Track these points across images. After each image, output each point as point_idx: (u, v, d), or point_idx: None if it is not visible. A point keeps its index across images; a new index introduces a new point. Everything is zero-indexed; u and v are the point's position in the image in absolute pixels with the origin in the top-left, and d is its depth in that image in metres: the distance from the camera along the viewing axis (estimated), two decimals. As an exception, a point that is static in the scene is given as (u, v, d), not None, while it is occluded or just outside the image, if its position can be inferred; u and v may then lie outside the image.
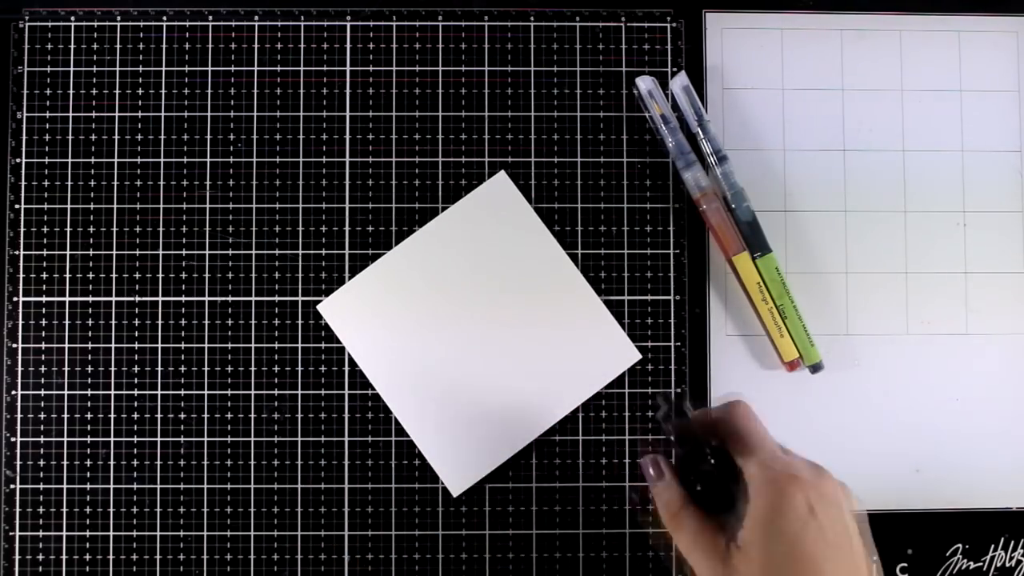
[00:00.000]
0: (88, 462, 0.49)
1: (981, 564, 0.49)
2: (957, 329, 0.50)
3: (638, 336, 0.50)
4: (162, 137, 0.50)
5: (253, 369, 0.49)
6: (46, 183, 0.50)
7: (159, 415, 0.49)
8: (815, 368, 0.49)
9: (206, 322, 0.49)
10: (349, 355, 0.49)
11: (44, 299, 0.49)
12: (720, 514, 0.39)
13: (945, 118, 0.51)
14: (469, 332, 0.49)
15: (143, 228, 0.50)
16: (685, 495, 0.40)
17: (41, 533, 0.48)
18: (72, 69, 0.50)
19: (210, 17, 0.50)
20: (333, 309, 0.49)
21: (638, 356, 0.49)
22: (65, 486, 0.49)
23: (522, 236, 0.49)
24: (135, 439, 0.49)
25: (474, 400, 0.49)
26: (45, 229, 0.49)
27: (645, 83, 0.49)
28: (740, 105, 0.51)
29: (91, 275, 0.49)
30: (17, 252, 0.49)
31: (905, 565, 0.49)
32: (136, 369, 0.49)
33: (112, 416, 0.49)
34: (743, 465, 0.38)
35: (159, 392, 0.49)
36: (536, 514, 0.49)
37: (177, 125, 0.50)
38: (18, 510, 0.48)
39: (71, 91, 0.50)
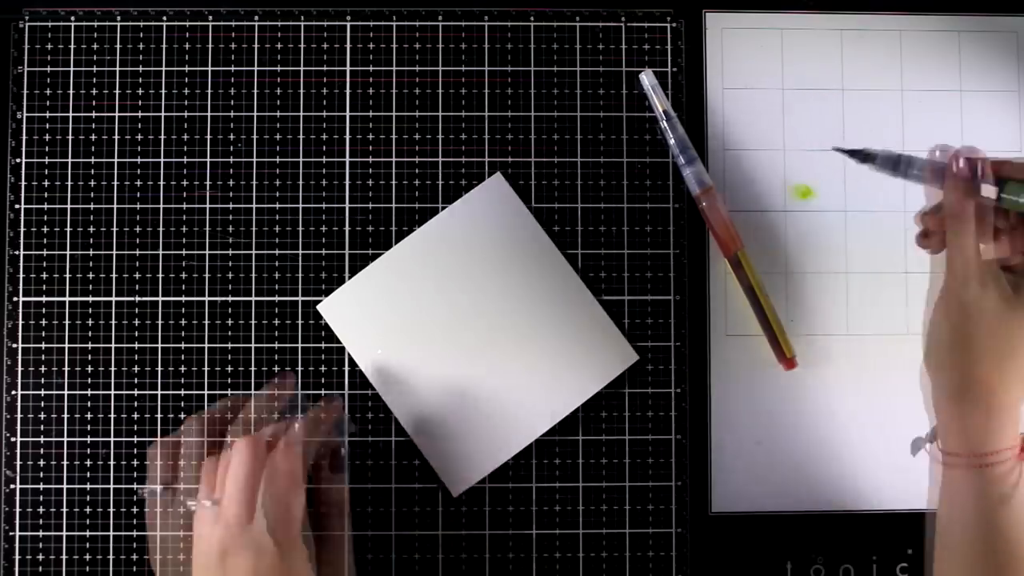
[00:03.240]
0: (88, 462, 0.49)
1: (981, 564, 0.49)
2: (957, 329, 0.50)
3: (638, 336, 0.50)
4: (162, 137, 0.50)
5: (253, 369, 0.49)
6: (46, 183, 0.50)
7: (159, 415, 0.49)
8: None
9: (206, 322, 0.49)
10: (349, 355, 0.49)
11: (44, 299, 0.49)
12: None
13: (945, 118, 0.51)
14: (468, 332, 0.49)
15: (143, 228, 0.50)
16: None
17: (41, 533, 0.48)
18: (72, 69, 0.50)
19: (210, 17, 0.50)
20: (333, 309, 0.49)
21: (635, 357, 0.49)
22: (65, 486, 0.49)
23: (518, 237, 0.49)
24: (135, 439, 0.49)
25: (474, 400, 0.49)
26: (45, 229, 0.49)
27: (649, 77, 0.49)
28: (740, 105, 0.51)
29: (91, 275, 0.49)
30: (17, 252, 0.49)
31: (905, 565, 0.49)
32: (136, 369, 0.49)
33: (112, 416, 0.49)
34: None
35: (159, 392, 0.49)
36: (536, 514, 0.49)
37: (177, 125, 0.50)
38: (18, 510, 0.48)
39: (71, 91, 0.50)
